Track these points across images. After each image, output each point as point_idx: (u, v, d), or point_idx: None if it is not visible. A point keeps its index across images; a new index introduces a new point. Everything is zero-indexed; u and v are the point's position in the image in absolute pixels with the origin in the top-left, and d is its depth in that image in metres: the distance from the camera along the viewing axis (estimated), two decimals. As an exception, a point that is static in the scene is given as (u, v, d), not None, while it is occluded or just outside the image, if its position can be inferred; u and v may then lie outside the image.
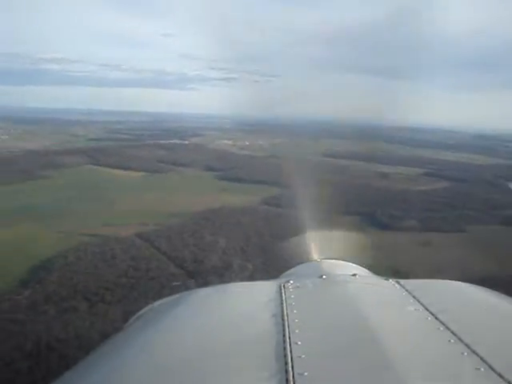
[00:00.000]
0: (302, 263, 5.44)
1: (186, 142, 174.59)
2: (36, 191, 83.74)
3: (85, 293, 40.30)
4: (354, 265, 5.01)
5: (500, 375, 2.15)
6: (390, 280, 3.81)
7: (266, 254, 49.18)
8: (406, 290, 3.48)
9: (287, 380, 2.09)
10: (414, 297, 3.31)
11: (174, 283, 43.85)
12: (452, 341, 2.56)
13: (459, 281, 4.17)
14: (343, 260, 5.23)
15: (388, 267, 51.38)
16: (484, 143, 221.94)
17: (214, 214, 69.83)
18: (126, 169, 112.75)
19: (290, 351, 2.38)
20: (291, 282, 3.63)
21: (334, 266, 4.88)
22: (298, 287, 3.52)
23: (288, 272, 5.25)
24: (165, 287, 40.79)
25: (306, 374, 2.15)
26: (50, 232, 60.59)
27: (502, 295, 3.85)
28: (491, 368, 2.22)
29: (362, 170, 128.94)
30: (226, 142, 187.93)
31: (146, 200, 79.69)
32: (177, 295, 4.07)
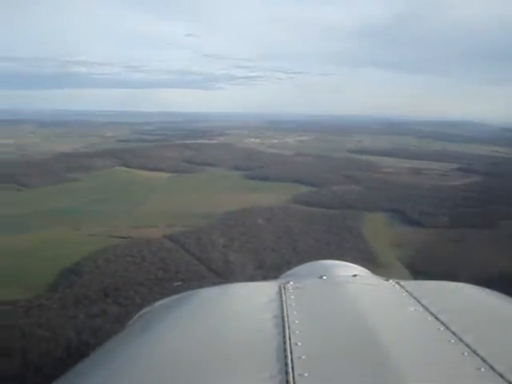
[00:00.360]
0: (302, 264, 5.41)
1: (214, 142, 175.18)
2: (66, 194, 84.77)
3: (115, 296, 40.25)
4: (354, 265, 4.97)
5: (501, 375, 2.15)
6: (390, 281, 3.79)
7: (299, 255, 47.89)
8: (406, 291, 3.46)
9: (287, 381, 2.10)
10: (414, 297, 3.29)
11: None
12: (452, 341, 2.53)
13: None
14: (343, 261, 5.23)
15: (416, 266, 50.70)
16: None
17: (244, 214, 69.44)
18: (154, 170, 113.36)
19: (291, 352, 2.36)
20: (291, 282, 3.62)
21: (334, 266, 4.82)
22: (298, 288, 3.51)
23: (288, 273, 5.23)
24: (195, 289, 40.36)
25: (306, 374, 2.15)
26: (80, 235, 61.12)
27: (502, 295, 3.83)
28: (492, 368, 2.21)
29: (390, 166, 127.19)
30: (253, 140, 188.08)
31: (175, 201, 79.79)
32: (177, 295, 4.05)
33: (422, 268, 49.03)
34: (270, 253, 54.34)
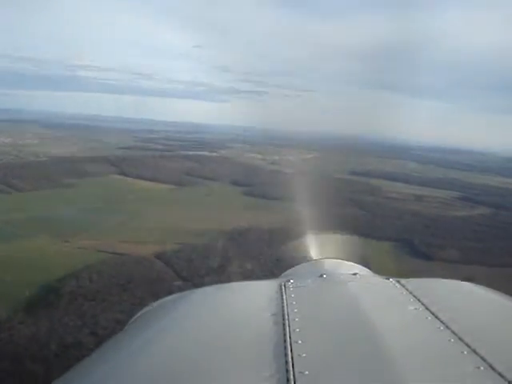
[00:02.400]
0: (302, 263, 5.33)
1: (215, 155, 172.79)
2: (57, 200, 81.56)
3: (91, 325, 36.38)
4: (354, 264, 4.92)
5: (500, 374, 2.17)
6: (391, 279, 3.73)
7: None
8: (407, 290, 3.44)
9: (288, 379, 2.11)
10: (414, 296, 3.28)
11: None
12: (452, 340, 2.56)
13: None
14: (344, 259, 5.12)
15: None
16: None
17: (241, 234, 66.05)
18: (151, 180, 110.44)
19: (291, 350, 2.39)
20: (291, 281, 3.60)
21: (335, 265, 4.82)
22: (298, 286, 3.51)
23: (288, 271, 5.11)
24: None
25: (306, 372, 2.17)
26: (67, 247, 57.64)
27: (503, 294, 3.77)
28: (491, 367, 2.23)
29: (395, 191, 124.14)
30: (254, 155, 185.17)
31: (169, 215, 76.42)
32: (177, 295, 4.03)
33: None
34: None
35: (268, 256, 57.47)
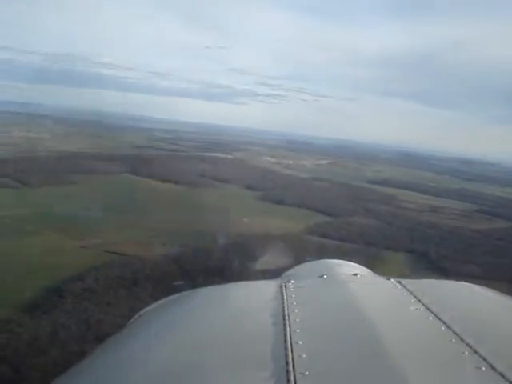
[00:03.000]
0: (303, 263, 5.29)
1: (230, 157, 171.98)
2: (66, 196, 78.98)
3: (96, 330, 34.36)
4: (355, 264, 4.90)
5: (501, 375, 2.18)
6: (392, 280, 3.76)
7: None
8: (408, 290, 3.45)
9: (288, 380, 2.12)
10: (415, 296, 3.29)
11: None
12: (453, 340, 2.57)
13: None
14: (344, 260, 5.09)
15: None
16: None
17: (252, 240, 63.73)
18: (163, 180, 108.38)
19: (291, 351, 2.40)
20: (292, 281, 3.62)
21: (335, 265, 4.80)
22: (299, 287, 3.52)
23: (289, 272, 5.09)
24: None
25: (307, 373, 2.17)
26: (71, 246, 55.87)
27: (503, 295, 3.79)
28: (492, 367, 2.25)
29: (410, 201, 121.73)
30: (269, 159, 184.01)
31: (180, 217, 74.32)
32: (177, 295, 4.04)
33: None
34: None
35: (277, 265, 55.37)
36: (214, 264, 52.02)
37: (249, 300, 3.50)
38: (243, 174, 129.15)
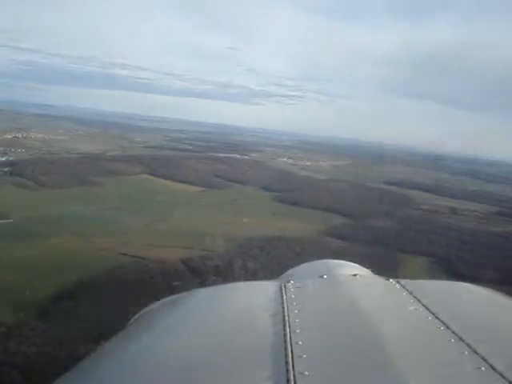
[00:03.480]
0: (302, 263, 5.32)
1: (246, 158, 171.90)
2: (84, 198, 79.91)
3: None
4: (354, 265, 4.92)
5: (501, 374, 2.18)
6: (391, 280, 3.75)
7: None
8: (407, 290, 3.46)
9: (288, 379, 2.12)
10: (414, 297, 3.30)
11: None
12: (452, 340, 2.56)
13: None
14: (344, 260, 5.22)
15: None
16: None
17: (270, 243, 63.24)
18: (182, 182, 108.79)
19: (291, 351, 2.39)
20: (292, 281, 3.61)
21: (335, 265, 4.79)
22: (298, 287, 3.51)
23: (289, 272, 5.05)
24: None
25: (306, 373, 2.17)
26: (89, 248, 55.86)
27: (502, 295, 3.80)
28: (492, 367, 2.24)
29: (428, 203, 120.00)
30: (285, 160, 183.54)
31: (198, 219, 74.14)
32: (178, 295, 4.03)
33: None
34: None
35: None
36: (231, 269, 51.63)
37: (249, 300, 3.52)
38: (259, 175, 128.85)
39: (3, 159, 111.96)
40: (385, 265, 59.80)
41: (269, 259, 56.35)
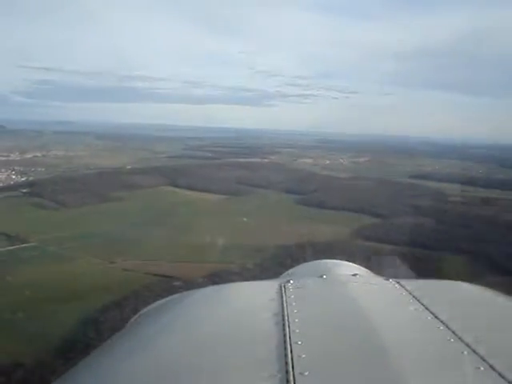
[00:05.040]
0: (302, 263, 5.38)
1: (266, 161, 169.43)
2: (105, 215, 78.44)
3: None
4: (354, 265, 4.96)
5: (500, 375, 2.18)
6: (391, 280, 3.74)
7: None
8: (407, 290, 3.46)
9: (287, 380, 2.13)
10: (414, 297, 3.30)
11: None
12: (452, 340, 2.57)
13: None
14: (344, 260, 5.15)
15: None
16: None
17: (299, 250, 60.43)
18: (204, 191, 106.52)
19: (291, 351, 2.40)
20: (291, 281, 3.60)
21: (335, 265, 4.86)
22: (298, 287, 3.51)
23: (288, 272, 5.15)
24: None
25: (306, 373, 2.18)
26: (112, 269, 53.81)
27: (502, 295, 3.78)
28: (492, 367, 2.25)
29: (458, 195, 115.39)
30: (305, 160, 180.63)
31: (224, 229, 71.62)
32: (177, 295, 4.04)
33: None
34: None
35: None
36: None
37: (249, 300, 3.47)
38: (281, 177, 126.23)
39: (23, 179, 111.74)
40: (425, 268, 56.67)
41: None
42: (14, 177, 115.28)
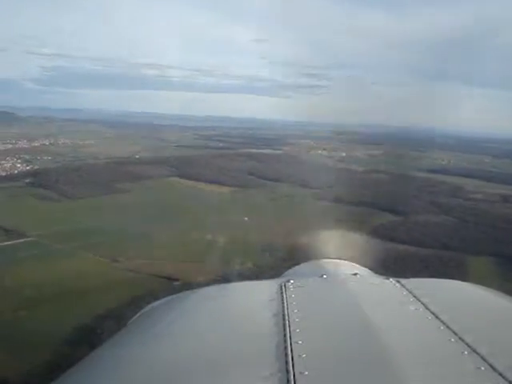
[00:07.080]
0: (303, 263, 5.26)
1: (279, 152, 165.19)
2: (110, 208, 74.97)
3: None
4: (354, 264, 4.94)
5: (501, 374, 2.20)
6: (391, 279, 3.76)
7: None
8: (407, 290, 3.46)
9: (288, 379, 2.15)
10: (414, 296, 3.31)
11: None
12: (452, 340, 2.59)
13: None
14: (344, 259, 5.11)
15: None
16: None
17: (315, 251, 56.67)
18: (213, 182, 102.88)
19: (291, 350, 2.43)
20: (292, 281, 3.62)
21: (335, 265, 4.84)
22: (298, 286, 3.53)
23: (289, 271, 5.11)
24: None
25: (306, 373, 2.20)
26: (115, 269, 50.15)
27: (503, 294, 3.80)
28: (492, 367, 2.26)
29: (479, 191, 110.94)
30: (320, 152, 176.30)
31: (234, 225, 67.78)
32: (177, 295, 4.03)
33: None
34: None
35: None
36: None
37: (249, 300, 3.48)
38: (295, 170, 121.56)
39: (27, 168, 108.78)
40: (450, 270, 52.78)
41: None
42: (19, 165, 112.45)
